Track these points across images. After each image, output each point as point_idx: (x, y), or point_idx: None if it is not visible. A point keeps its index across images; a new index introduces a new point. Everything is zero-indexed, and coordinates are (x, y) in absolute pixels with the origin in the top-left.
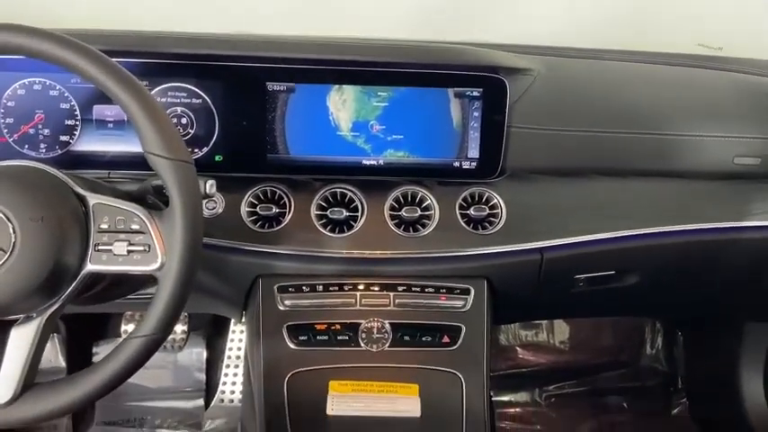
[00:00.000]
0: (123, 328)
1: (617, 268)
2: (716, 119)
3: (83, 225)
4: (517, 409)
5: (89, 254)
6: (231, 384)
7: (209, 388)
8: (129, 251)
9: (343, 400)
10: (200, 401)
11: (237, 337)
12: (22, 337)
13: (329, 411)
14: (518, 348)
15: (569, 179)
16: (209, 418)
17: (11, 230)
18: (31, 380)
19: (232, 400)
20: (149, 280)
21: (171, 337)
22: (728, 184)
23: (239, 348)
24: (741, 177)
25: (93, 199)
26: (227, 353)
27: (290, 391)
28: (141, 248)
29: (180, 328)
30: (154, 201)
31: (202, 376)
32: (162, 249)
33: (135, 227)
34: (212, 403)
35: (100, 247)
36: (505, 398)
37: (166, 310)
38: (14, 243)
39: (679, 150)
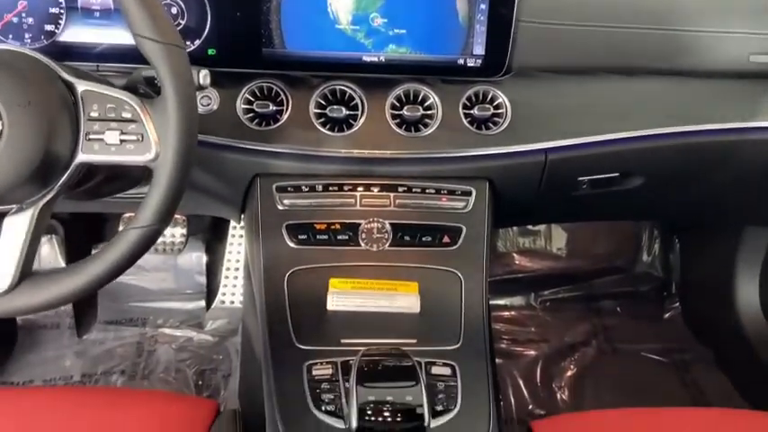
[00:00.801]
0: (121, 228)
1: (621, 170)
2: (732, 14)
3: (72, 113)
4: (512, 313)
5: (80, 143)
6: (232, 287)
7: (210, 291)
8: (121, 141)
9: (342, 297)
10: (202, 303)
11: (237, 241)
12: (15, 227)
13: (329, 307)
14: (515, 254)
15: (577, 78)
16: (210, 319)
17: None
18: (28, 270)
19: (233, 302)
20: (145, 176)
21: (170, 240)
22: (741, 84)
23: (239, 252)
24: (755, 76)
25: (81, 86)
26: (226, 256)
27: (290, 288)
28: (134, 138)
29: (179, 231)
30: (145, 90)
31: (203, 279)
32: (156, 139)
33: (126, 115)
34: (213, 305)
35: (91, 137)
36: (501, 302)
37: (163, 200)
38: (2, 130)
39: (692, 47)
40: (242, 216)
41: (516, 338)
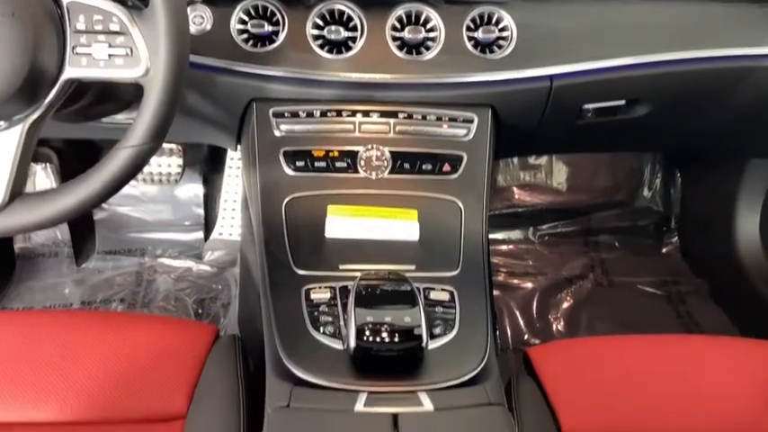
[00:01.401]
0: None
1: (628, 98)
2: None
3: (58, 25)
4: (510, 247)
5: (67, 57)
6: (230, 219)
7: (208, 222)
8: (110, 55)
9: (341, 224)
10: (200, 234)
11: (234, 173)
12: (5, 144)
13: (327, 234)
14: (515, 189)
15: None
16: (208, 250)
17: None
18: (20, 189)
19: (231, 234)
20: (137, 98)
21: (167, 170)
22: (755, 8)
23: (237, 184)
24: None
25: None
26: (224, 188)
27: (287, 215)
28: (123, 52)
29: (175, 161)
30: (134, 2)
31: (200, 211)
32: (145, 52)
33: (114, 28)
34: (211, 236)
35: (78, 50)
36: (500, 236)
37: (155, 118)
38: None
39: None
40: (238, 144)
41: (514, 271)
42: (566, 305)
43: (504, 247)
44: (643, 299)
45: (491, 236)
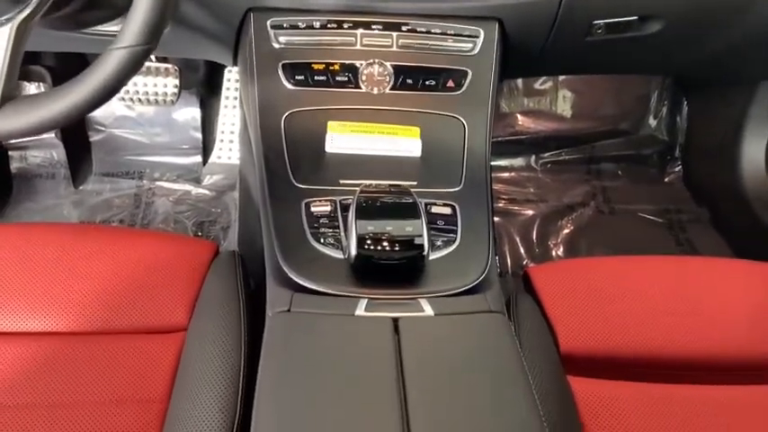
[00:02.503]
0: None
1: (641, 12)
2: None
3: None
4: (512, 174)
5: None
6: (228, 143)
7: (206, 146)
8: None
9: (341, 139)
10: (198, 158)
11: (232, 95)
12: None
13: (327, 149)
14: (519, 115)
15: None
16: (207, 174)
17: None
18: (10, 93)
19: (230, 158)
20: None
21: (162, 90)
22: None
23: (234, 107)
24: None
25: None
26: (222, 112)
27: (287, 129)
28: None
29: (171, 81)
30: None
31: (198, 135)
32: None
33: None
34: (210, 160)
35: None
36: (502, 162)
37: (149, 15)
38: None
39: None
40: (235, 59)
41: (515, 198)
42: (566, 231)
43: (505, 174)
44: (643, 226)
45: (493, 163)
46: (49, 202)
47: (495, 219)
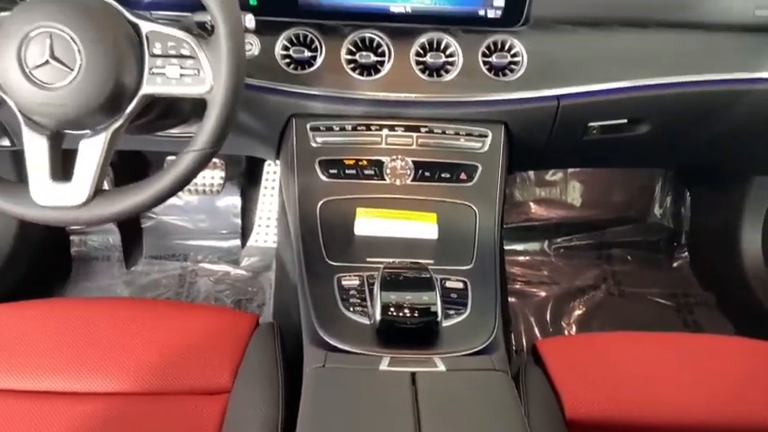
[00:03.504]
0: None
1: (629, 117)
2: None
3: (137, 49)
4: (527, 258)
5: (145, 76)
6: (265, 228)
7: (245, 231)
8: (180, 75)
9: (368, 224)
10: (237, 242)
11: (270, 185)
12: (90, 149)
13: (357, 232)
14: (531, 203)
15: (591, 29)
16: (245, 256)
17: (76, 51)
18: (101, 186)
19: (266, 242)
20: (193, 114)
21: (209, 182)
22: (746, 36)
23: (272, 195)
24: (760, 30)
25: (145, 26)
26: (260, 200)
27: (321, 216)
28: (192, 72)
29: (218, 174)
30: (199, 31)
31: (238, 221)
32: (210, 73)
33: (185, 52)
34: (247, 244)
35: (154, 71)
36: (517, 247)
37: (216, 127)
38: (80, 63)
39: (702, 1)
40: (278, 155)
41: (530, 281)
42: (578, 313)
43: (521, 258)
44: (652, 308)
45: (509, 247)
46: (104, 281)
47: (511, 299)
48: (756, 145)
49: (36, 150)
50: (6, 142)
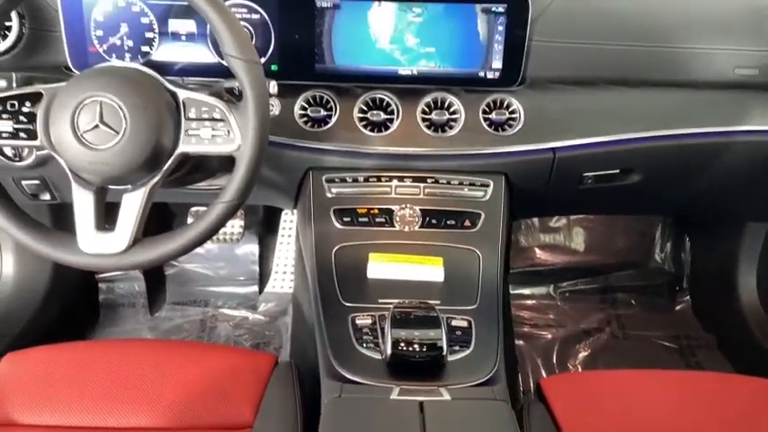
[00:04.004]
0: (189, 221)
1: (621, 167)
2: (719, 33)
3: (175, 114)
4: (533, 302)
5: (181, 137)
6: (282, 274)
7: (262, 277)
8: (212, 135)
9: (380, 268)
10: (255, 288)
11: (287, 233)
12: (132, 203)
13: (369, 275)
14: (537, 249)
15: (583, 88)
16: (262, 302)
17: (122, 116)
18: (139, 235)
19: (282, 287)
20: (220, 169)
21: (230, 231)
22: (728, 93)
23: (289, 243)
24: (740, 87)
25: (182, 94)
26: (277, 247)
27: (336, 260)
28: (222, 133)
29: (237, 223)
30: (228, 97)
31: (256, 268)
32: (238, 133)
33: (217, 116)
34: (265, 290)
35: (189, 132)
36: (524, 291)
37: (243, 181)
38: (125, 127)
39: (684, 62)
40: (295, 205)
41: (536, 324)
42: (583, 354)
43: (528, 302)
44: (656, 350)
45: (516, 291)
46: (129, 327)
47: (519, 342)
48: (744, 194)
49: (83, 204)
50: (47, 196)
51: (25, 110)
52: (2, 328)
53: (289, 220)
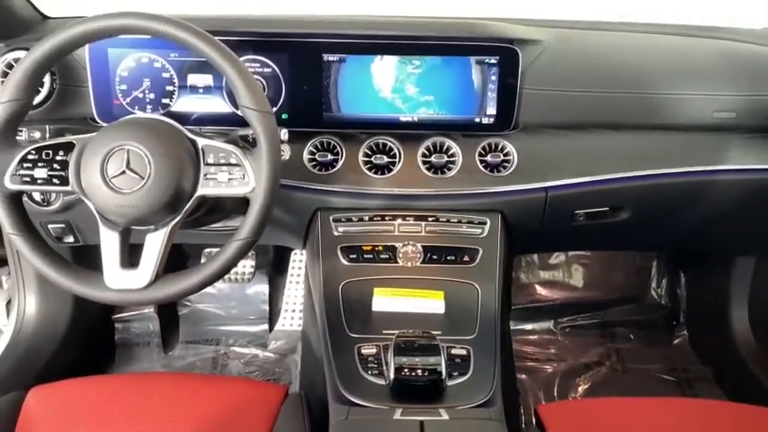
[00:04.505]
0: (203, 261)
1: (610, 205)
2: (698, 79)
3: (194, 160)
4: (535, 337)
5: (200, 181)
6: (291, 312)
7: (272, 316)
8: (229, 179)
9: (384, 301)
10: (265, 326)
11: (296, 272)
12: (154, 242)
13: (374, 309)
14: (537, 285)
15: (572, 132)
16: (272, 340)
17: (147, 163)
18: (161, 272)
19: (291, 325)
20: (234, 211)
21: (241, 270)
22: (709, 135)
23: (298, 282)
24: (718, 129)
25: (201, 141)
26: (287, 286)
27: (343, 295)
28: (238, 176)
29: (249, 263)
30: (243, 144)
31: (266, 307)
32: (253, 177)
33: (233, 161)
34: (275, 328)
35: (208, 176)
36: (526, 326)
37: (257, 220)
38: (150, 172)
39: (667, 107)
40: (305, 244)
41: (538, 358)
42: (583, 387)
43: (530, 337)
44: (654, 383)
45: (518, 327)
46: (144, 365)
47: (522, 376)
48: (729, 229)
49: (109, 243)
50: (71, 239)
51: (59, 158)
52: (25, 364)
53: (298, 260)
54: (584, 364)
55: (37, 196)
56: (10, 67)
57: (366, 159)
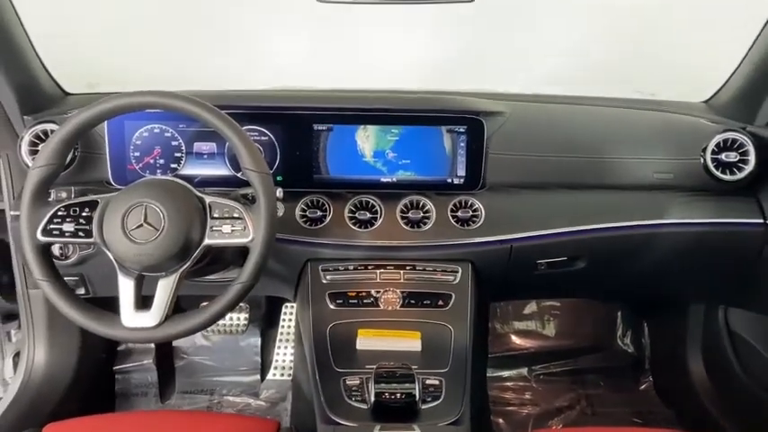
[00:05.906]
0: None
1: (568, 255)
2: (640, 146)
3: (202, 214)
4: (511, 383)
5: (207, 232)
6: (282, 362)
7: (264, 367)
8: (231, 230)
9: (367, 341)
10: (257, 377)
11: (287, 324)
12: (165, 286)
13: (358, 347)
14: (512, 335)
15: (533, 190)
16: (264, 389)
17: (161, 217)
18: (171, 313)
19: (282, 375)
20: (232, 263)
21: (236, 323)
22: (650, 193)
23: (289, 333)
24: (659, 188)
25: (208, 198)
26: (278, 338)
27: (330, 336)
28: (240, 228)
29: (243, 316)
30: (244, 201)
31: (258, 358)
32: (252, 229)
33: (236, 215)
34: (266, 378)
35: (213, 228)
36: (503, 374)
37: (255, 266)
38: (164, 225)
39: (615, 169)
40: (296, 293)
41: (514, 403)
42: (555, 429)
43: (506, 384)
44: (622, 426)
45: (494, 374)
46: None
47: (499, 420)
48: (677, 278)
49: (126, 288)
50: (82, 290)
51: (84, 214)
52: (34, 408)
53: (288, 313)
54: (557, 408)
55: (56, 250)
56: (38, 137)
57: (351, 215)
